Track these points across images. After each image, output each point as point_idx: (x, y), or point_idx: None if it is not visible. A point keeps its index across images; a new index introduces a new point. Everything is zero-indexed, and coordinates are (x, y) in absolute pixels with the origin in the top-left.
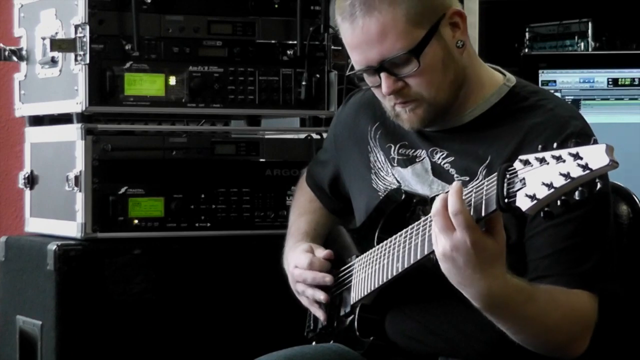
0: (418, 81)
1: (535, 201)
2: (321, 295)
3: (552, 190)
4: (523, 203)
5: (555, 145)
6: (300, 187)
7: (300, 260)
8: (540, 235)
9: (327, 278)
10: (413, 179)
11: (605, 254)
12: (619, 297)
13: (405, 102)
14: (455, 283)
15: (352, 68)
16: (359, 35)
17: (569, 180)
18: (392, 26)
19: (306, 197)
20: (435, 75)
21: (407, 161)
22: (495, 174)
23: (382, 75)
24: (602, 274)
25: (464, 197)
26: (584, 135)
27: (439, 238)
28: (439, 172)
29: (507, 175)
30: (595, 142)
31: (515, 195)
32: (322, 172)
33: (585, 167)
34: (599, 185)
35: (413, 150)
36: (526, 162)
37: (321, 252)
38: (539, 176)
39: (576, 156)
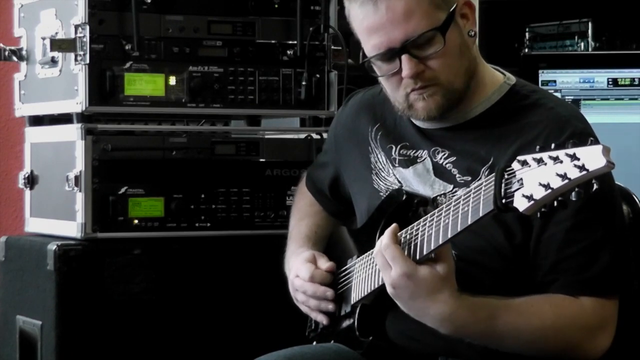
0: (439, 63)
1: (532, 202)
2: (329, 305)
3: (549, 191)
4: (520, 204)
5: (553, 145)
6: (300, 191)
7: (301, 271)
8: (546, 240)
9: (329, 292)
10: (414, 179)
11: (615, 256)
12: (634, 295)
13: (423, 87)
14: (413, 316)
15: (365, 56)
16: (382, 16)
17: (565, 181)
18: (417, 6)
19: (306, 201)
20: (454, 59)
21: (409, 162)
22: (493, 174)
23: (404, 57)
24: (611, 277)
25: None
26: (585, 135)
27: (383, 275)
28: (440, 172)
29: (505, 176)
30: (592, 142)
31: (512, 196)
32: (322, 174)
33: (582, 168)
34: (595, 186)
35: (414, 151)
36: (524, 163)
37: (323, 263)
38: (536, 177)
39: (573, 157)
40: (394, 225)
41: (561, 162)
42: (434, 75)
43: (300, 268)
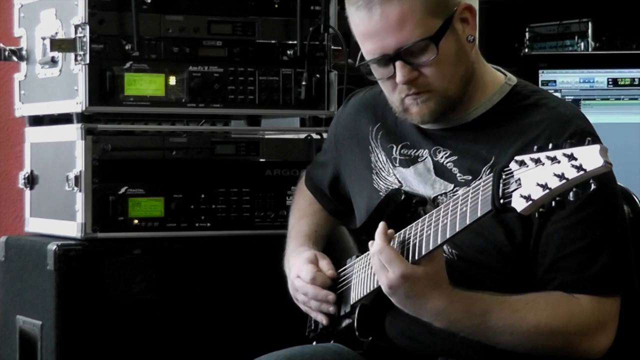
0: (433, 71)
1: (530, 202)
2: (330, 308)
3: (547, 191)
4: (518, 204)
5: (550, 145)
6: (299, 190)
7: (303, 272)
8: (547, 238)
9: (330, 296)
10: (415, 179)
11: (615, 255)
12: (636, 293)
13: (417, 94)
14: (409, 312)
15: (362, 59)
16: (376, 23)
17: (563, 181)
18: (411, 14)
19: (306, 200)
20: (448, 67)
21: (409, 161)
22: (491, 174)
23: (398, 64)
24: (611, 276)
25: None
26: (587, 134)
27: (378, 277)
28: (441, 172)
29: (503, 176)
30: (590, 142)
31: (510, 196)
32: (321, 173)
33: (579, 168)
34: (592, 186)
35: (415, 150)
36: (522, 163)
37: (325, 265)
38: (534, 177)
39: (570, 157)
40: (382, 226)
41: (559, 162)
42: (427, 82)
43: (302, 268)
